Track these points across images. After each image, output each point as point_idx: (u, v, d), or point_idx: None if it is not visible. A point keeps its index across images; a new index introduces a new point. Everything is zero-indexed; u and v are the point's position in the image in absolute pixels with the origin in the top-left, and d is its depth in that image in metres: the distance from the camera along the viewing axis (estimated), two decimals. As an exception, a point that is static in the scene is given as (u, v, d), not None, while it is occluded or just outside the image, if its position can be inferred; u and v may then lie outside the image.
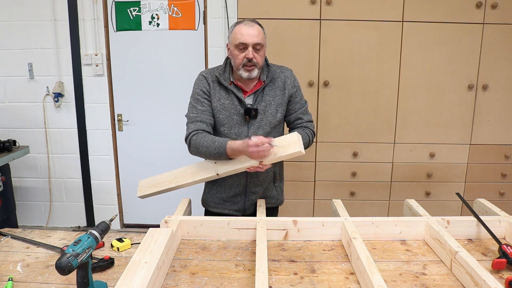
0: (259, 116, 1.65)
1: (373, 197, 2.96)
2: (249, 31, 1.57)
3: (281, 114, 1.70)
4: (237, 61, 1.60)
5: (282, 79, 1.70)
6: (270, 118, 1.67)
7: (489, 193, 2.91)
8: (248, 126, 1.66)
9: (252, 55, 1.57)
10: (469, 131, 2.87)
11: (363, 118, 2.86)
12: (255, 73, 1.62)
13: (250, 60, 1.58)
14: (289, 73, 1.73)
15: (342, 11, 2.71)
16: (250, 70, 1.60)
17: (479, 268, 1.10)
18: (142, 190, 1.81)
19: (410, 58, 2.77)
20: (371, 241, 1.44)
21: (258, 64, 1.61)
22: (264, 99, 1.66)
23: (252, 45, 1.57)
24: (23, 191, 3.47)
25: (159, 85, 3.28)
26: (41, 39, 3.17)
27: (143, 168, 3.44)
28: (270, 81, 1.69)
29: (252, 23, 1.61)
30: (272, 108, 1.67)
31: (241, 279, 1.19)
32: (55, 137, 3.36)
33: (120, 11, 3.19)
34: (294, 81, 1.73)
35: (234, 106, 1.66)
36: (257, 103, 1.66)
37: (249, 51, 1.57)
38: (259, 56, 1.60)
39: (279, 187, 1.86)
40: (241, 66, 1.60)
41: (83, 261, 1.03)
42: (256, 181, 1.74)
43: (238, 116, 1.66)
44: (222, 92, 1.68)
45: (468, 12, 2.70)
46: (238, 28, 1.60)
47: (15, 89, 3.27)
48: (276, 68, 1.72)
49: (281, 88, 1.69)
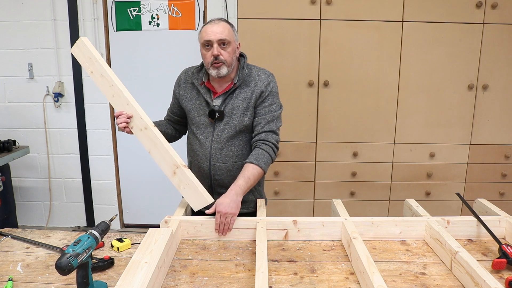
0: (225, 119, 1.62)
1: (373, 197, 2.96)
2: (213, 28, 1.55)
3: (249, 119, 1.63)
4: (206, 60, 1.59)
5: (255, 82, 1.63)
6: (236, 122, 1.62)
7: (489, 193, 2.91)
8: (214, 128, 1.65)
9: (218, 52, 1.54)
10: (469, 131, 2.87)
11: (363, 118, 2.86)
12: (224, 70, 1.57)
13: (216, 58, 1.55)
14: (264, 77, 1.64)
15: (342, 11, 2.71)
16: (218, 67, 1.56)
17: (479, 268, 1.10)
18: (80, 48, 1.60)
19: (410, 58, 2.77)
20: (371, 241, 1.44)
21: (227, 62, 1.57)
22: (232, 102, 1.62)
23: (216, 41, 1.54)
24: (23, 191, 3.47)
25: (159, 85, 3.28)
26: (41, 39, 3.16)
27: (143, 168, 3.44)
28: (243, 83, 1.63)
29: (218, 20, 1.58)
30: (240, 111, 1.62)
31: (241, 279, 1.19)
32: (55, 137, 3.36)
33: (120, 11, 3.19)
34: (268, 85, 1.63)
35: (202, 107, 1.66)
36: (224, 105, 1.63)
37: (214, 48, 1.55)
38: (226, 53, 1.56)
39: (256, 191, 1.75)
40: (210, 65, 1.57)
41: (83, 261, 1.03)
42: (220, 183, 1.69)
43: (205, 117, 1.65)
44: (193, 92, 1.69)
45: (468, 12, 2.70)
46: (203, 28, 1.59)
47: (15, 89, 3.27)
48: (253, 71, 1.66)
49: (252, 91, 1.63)
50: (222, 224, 1.45)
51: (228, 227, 1.46)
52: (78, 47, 1.60)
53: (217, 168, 1.66)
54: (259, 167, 1.56)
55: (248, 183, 1.54)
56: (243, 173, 1.56)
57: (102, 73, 1.57)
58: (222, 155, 1.65)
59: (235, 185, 1.52)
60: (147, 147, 1.57)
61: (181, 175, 1.52)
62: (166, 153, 1.53)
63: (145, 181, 3.47)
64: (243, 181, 1.53)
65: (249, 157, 1.60)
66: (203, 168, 1.68)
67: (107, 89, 1.58)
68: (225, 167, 1.66)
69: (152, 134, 1.54)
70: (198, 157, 1.68)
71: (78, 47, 1.60)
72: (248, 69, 1.66)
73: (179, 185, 1.54)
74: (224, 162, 1.65)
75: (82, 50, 1.60)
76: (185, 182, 1.52)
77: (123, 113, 1.55)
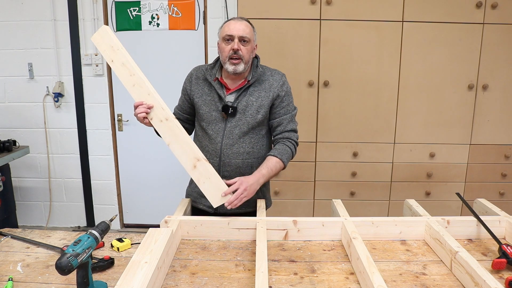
0: (238, 115, 1.65)
1: (373, 197, 2.96)
2: (236, 25, 1.61)
3: (262, 116, 1.67)
4: (224, 54, 1.62)
5: (269, 82, 1.68)
6: (249, 119, 1.65)
7: (489, 193, 2.91)
8: (225, 124, 1.66)
9: (238, 47, 1.58)
10: (469, 131, 2.87)
11: (363, 118, 2.86)
12: (241, 67, 1.61)
13: (235, 52, 1.59)
14: (279, 77, 1.70)
15: (342, 11, 2.71)
16: (236, 63, 1.60)
17: (479, 268, 1.10)
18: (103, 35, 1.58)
19: (410, 58, 2.77)
20: (371, 241, 1.44)
21: (244, 58, 1.60)
22: (246, 99, 1.66)
23: (238, 37, 1.59)
24: (23, 191, 3.47)
25: (159, 85, 3.26)
26: (41, 39, 3.17)
27: (143, 168, 3.44)
28: (257, 81, 1.68)
29: (241, 19, 1.64)
30: (253, 108, 1.65)
31: (241, 279, 1.19)
32: (55, 137, 3.36)
33: (120, 11, 3.19)
34: (283, 85, 1.69)
35: (214, 102, 1.67)
36: (237, 101, 1.65)
37: (234, 42, 1.59)
38: (246, 49, 1.61)
39: (260, 191, 1.75)
40: (227, 59, 1.61)
41: (83, 261, 1.03)
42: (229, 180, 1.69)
43: (217, 113, 1.67)
44: (205, 88, 1.71)
45: (468, 12, 2.70)
46: (226, 24, 1.64)
47: (15, 89, 3.27)
48: (266, 70, 1.72)
49: (267, 90, 1.67)
50: (236, 197, 1.47)
51: (237, 204, 1.48)
52: (100, 35, 1.57)
53: (227, 164, 1.66)
54: (281, 161, 1.63)
55: (270, 174, 1.61)
56: (266, 164, 1.61)
57: (124, 62, 1.54)
58: (233, 151, 1.66)
59: (259, 173, 1.57)
60: (166, 140, 1.53)
61: (202, 169, 1.50)
62: (187, 146, 1.51)
63: (145, 181, 3.48)
64: (266, 171, 1.59)
65: (273, 150, 1.66)
66: (212, 164, 1.66)
67: (127, 79, 1.54)
68: (235, 163, 1.67)
69: (173, 125, 1.51)
70: (208, 153, 1.68)
71: (100, 35, 1.57)
72: (261, 68, 1.71)
73: (199, 179, 1.51)
74: (235, 158, 1.66)
75: (104, 38, 1.56)
76: (206, 176, 1.50)
77: (143, 103, 1.52)
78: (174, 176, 3.33)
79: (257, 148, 1.70)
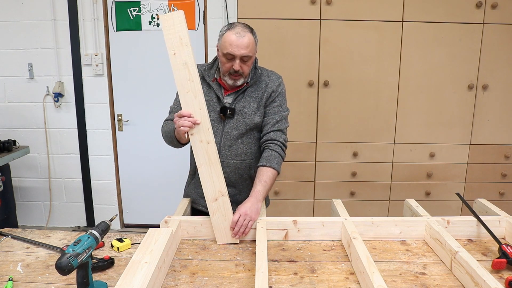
0: (235, 116, 1.64)
1: (373, 197, 2.96)
2: (238, 42, 1.52)
3: (259, 117, 1.67)
4: (224, 69, 1.60)
5: (266, 82, 1.68)
6: (247, 120, 1.65)
7: (489, 193, 2.91)
8: (223, 125, 1.66)
9: (239, 67, 1.55)
10: (469, 131, 2.87)
11: (363, 118, 2.86)
12: (241, 82, 1.62)
13: (236, 71, 1.57)
14: (275, 78, 1.70)
15: (342, 11, 2.71)
16: (235, 79, 1.60)
17: (479, 268, 1.10)
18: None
19: (410, 58, 2.77)
20: (371, 241, 1.44)
21: (244, 74, 1.60)
22: (244, 100, 1.65)
23: (239, 57, 1.54)
24: (23, 191, 3.47)
25: (159, 85, 3.28)
26: (41, 39, 3.17)
27: (143, 168, 3.44)
28: (255, 83, 1.67)
29: (243, 32, 1.54)
30: (251, 110, 1.65)
31: (241, 279, 1.19)
32: (55, 137, 3.36)
33: (120, 11, 3.19)
34: (278, 86, 1.68)
35: (213, 103, 1.66)
36: (235, 102, 1.65)
37: (236, 63, 1.55)
38: (246, 66, 1.58)
39: None
40: (227, 74, 1.60)
41: (83, 261, 1.03)
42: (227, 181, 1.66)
43: (215, 114, 1.66)
44: (204, 88, 1.67)
45: (468, 12, 2.70)
46: (228, 36, 1.55)
47: (15, 89, 3.27)
48: (264, 72, 1.71)
49: (263, 90, 1.67)
50: (240, 225, 1.43)
51: (245, 231, 1.44)
52: (172, 18, 1.39)
53: (225, 165, 1.66)
54: (272, 169, 1.58)
55: (266, 187, 1.55)
56: (259, 178, 1.56)
57: (187, 62, 1.40)
58: (231, 152, 1.66)
59: (254, 192, 1.52)
60: (199, 161, 1.45)
61: (221, 204, 1.46)
62: (216, 177, 1.46)
63: (145, 181, 3.48)
64: (260, 186, 1.54)
65: (261, 160, 1.61)
66: None
67: (184, 82, 1.42)
68: (234, 164, 1.67)
69: (212, 150, 1.44)
70: None
71: (172, 18, 1.39)
72: (260, 70, 1.70)
73: (214, 212, 1.46)
74: (233, 159, 1.66)
75: (176, 24, 1.39)
76: (222, 212, 1.45)
77: (191, 115, 1.43)
78: (174, 176, 3.33)
79: (255, 149, 1.70)
